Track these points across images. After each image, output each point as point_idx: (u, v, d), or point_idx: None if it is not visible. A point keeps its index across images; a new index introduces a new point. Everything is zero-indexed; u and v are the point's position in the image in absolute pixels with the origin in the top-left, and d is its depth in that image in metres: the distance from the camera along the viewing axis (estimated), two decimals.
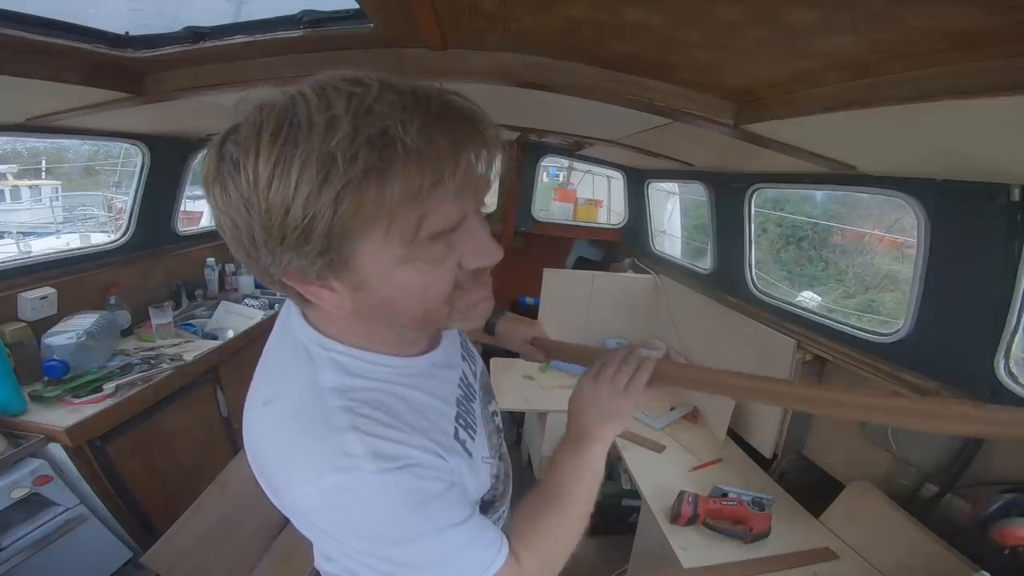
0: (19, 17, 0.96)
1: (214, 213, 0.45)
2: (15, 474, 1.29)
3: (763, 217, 5.14)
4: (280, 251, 0.43)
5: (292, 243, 0.42)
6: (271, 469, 0.53)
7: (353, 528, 0.49)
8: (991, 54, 0.64)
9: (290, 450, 0.50)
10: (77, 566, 1.43)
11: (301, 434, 0.50)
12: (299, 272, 0.45)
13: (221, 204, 0.43)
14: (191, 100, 1.39)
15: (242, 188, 0.41)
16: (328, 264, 0.44)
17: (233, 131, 0.44)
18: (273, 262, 0.44)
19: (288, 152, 0.39)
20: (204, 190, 0.45)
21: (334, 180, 0.39)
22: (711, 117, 1.18)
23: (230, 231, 0.44)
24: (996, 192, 1.09)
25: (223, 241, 0.48)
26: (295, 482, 0.49)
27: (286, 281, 0.47)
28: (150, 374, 1.71)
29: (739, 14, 0.72)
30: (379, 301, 0.48)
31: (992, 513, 1.10)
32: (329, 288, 0.47)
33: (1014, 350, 1.14)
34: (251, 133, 0.42)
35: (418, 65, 1.14)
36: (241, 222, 0.43)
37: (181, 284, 2.47)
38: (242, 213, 0.42)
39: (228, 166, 0.42)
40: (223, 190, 0.43)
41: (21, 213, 9.04)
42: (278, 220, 0.40)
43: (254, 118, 0.42)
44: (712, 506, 1.46)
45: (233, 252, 0.47)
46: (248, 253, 0.45)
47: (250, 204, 0.41)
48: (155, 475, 1.66)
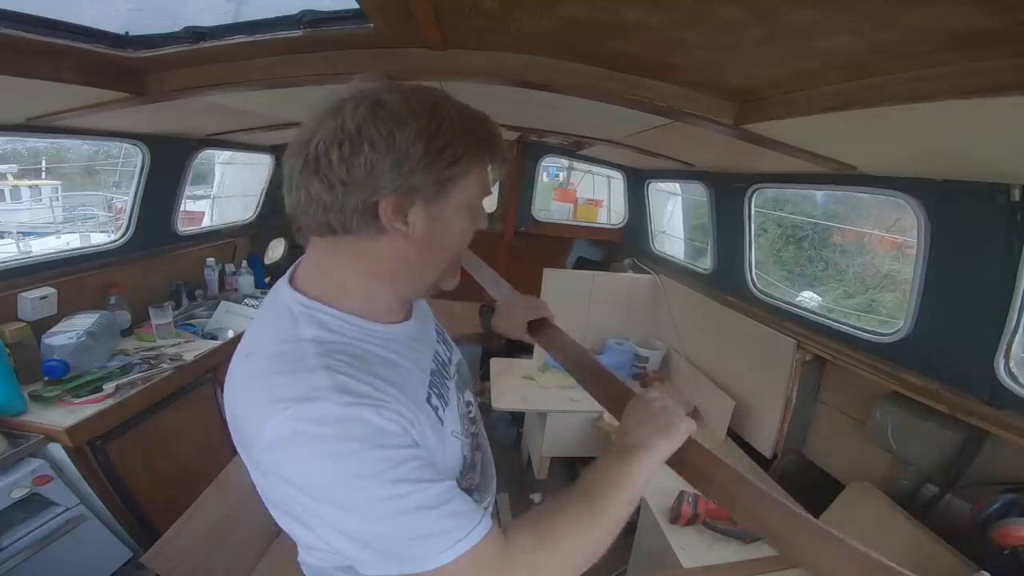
0: (19, 17, 0.96)
1: (350, 132, 0.54)
2: (15, 474, 1.29)
3: (763, 217, 5.13)
4: (418, 166, 0.55)
5: (433, 160, 0.55)
6: (241, 416, 0.55)
7: (314, 467, 0.50)
8: (991, 54, 0.64)
9: (261, 392, 0.53)
10: (77, 566, 1.42)
11: (274, 375, 0.53)
12: (407, 191, 0.56)
13: (375, 125, 0.54)
14: (191, 100, 1.39)
15: (415, 119, 0.55)
16: (440, 187, 0.57)
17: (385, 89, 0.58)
18: (392, 181, 0.55)
19: (448, 112, 0.57)
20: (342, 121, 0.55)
21: (475, 134, 0.59)
22: (711, 117, 1.18)
23: (366, 149, 0.54)
24: (996, 192, 1.09)
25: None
26: (263, 418, 0.51)
27: (385, 205, 0.56)
28: (150, 374, 1.71)
29: (739, 14, 0.72)
30: (434, 235, 0.60)
31: (992, 513, 1.10)
32: (406, 223, 0.57)
33: (1014, 350, 1.14)
34: (414, 95, 0.57)
35: (418, 65, 1.14)
36: (397, 139, 0.54)
37: (181, 284, 2.46)
38: (405, 133, 0.54)
39: (397, 103, 0.55)
40: (387, 117, 0.54)
41: (21, 213, 9.03)
42: (439, 144, 0.55)
43: (408, 90, 0.58)
44: (712, 506, 1.46)
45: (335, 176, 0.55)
46: (368, 170, 0.54)
47: (420, 128, 0.55)
48: (155, 475, 1.65)
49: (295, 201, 0.58)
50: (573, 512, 0.58)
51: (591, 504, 0.59)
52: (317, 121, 0.56)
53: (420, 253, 0.61)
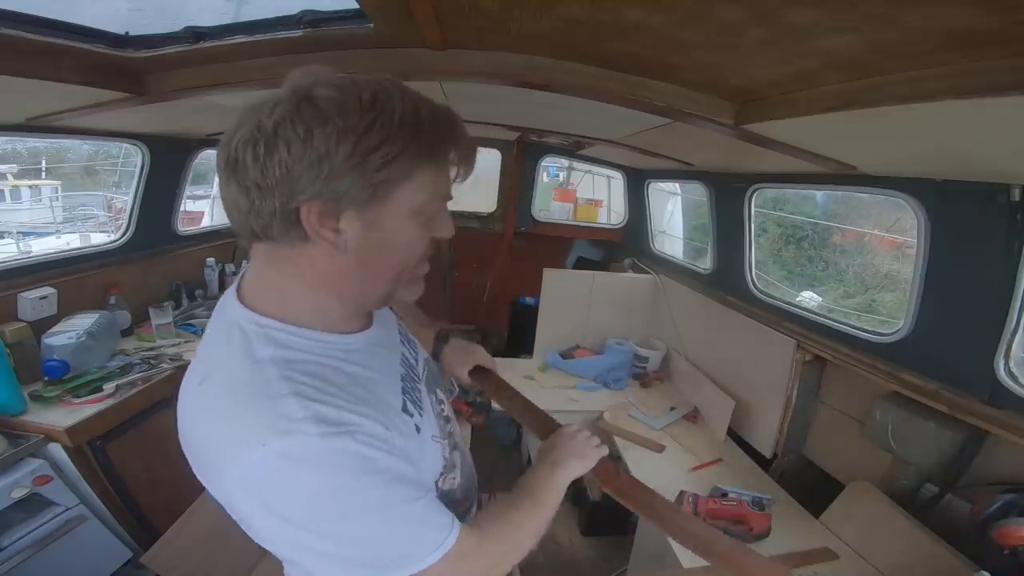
0: (19, 17, 0.96)
1: (266, 131, 0.49)
2: (15, 474, 1.29)
3: (763, 217, 5.14)
4: (343, 171, 0.50)
5: (360, 159, 0.50)
6: (208, 448, 0.53)
7: (298, 498, 0.49)
8: (991, 54, 0.64)
9: (229, 423, 0.50)
10: (77, 566, 1.43)
11: (239, 405, 0.50)
12: (331, 202, 0.51)
13: (292, 124, 0.49)
14: (191, 100, 1.39)
15: (342, 116, 0.49)
16: (373, 191, 0.51)
17: (322, 83, 0.51)
18: (312, 184, 0.50)
19: (388, 107, 0.51)
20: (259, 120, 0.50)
21: (420, 132, 0.52)
22: (711, 117, 1.18)
23: (281, 150, 0.49)
24: (996, 192, 1.09)
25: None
26: (237, 454, 0.49)
27: (305, 213, 0.51)
28: (150, 374, 1.71)
29: (739, 14, 0.72)
30: (376, 245, 0.55)
31: (992, 513, 1.10)
32: (336, 230, 0.52)
33: (1014, 350, 1.14)
34: (352, 89, 0.51)
35: (418, 65, 1.14)
36: (316, 139, 0.49)
37: (181, 284, 2.47)
38: (326, 132, 0.49)
39: (327, 99, 0.50)
40: (307, 111, 0.49)
41: (21, 213, 9.03)
42: (368, 143, 0.49)
43: (347, 84, 0.52)
44: (712, 506, 1.46)
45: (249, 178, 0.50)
46: (283, 173, 0.49)
47: (346, 127, 0.49)
48: (155, 475, 1.65)
49: (225, 204, 0.55)
50: (525, 507, 0.71)
51: (535, 501, 0.72)
52: (241, 118, 0.52)
53: (360, 264, 0.56)
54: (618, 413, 2.14)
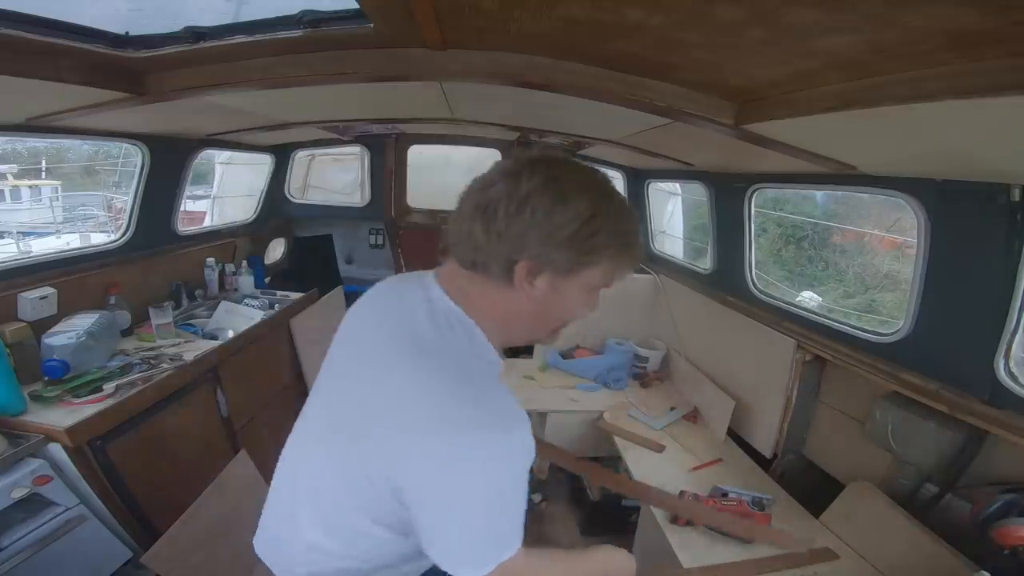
0: (19, 17, 0.96)
1: (520, 195, 0.63)
2: (15, 474, 1.28)
3: (763, 217, 5.13)
4: (565, 248, 0.64)
5: (576, 243, 0.64)
6: (430, 412, 0.62)
7: (507, 477, 0.61)
8: (991, 54, 0.64)
9: (476, 406, 0.63)
10: (77, 566, 1.42)
11: (484, 393, 0.65)
12: (540, 264, 0.65)
13: (542, 196, 0.63)
14: (191, 100, 1.39)
15: (579, 203, 0.64)
16: (570, 265, 0.66)
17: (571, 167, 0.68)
18: (534, 252, 0.64)
19: (614, 212, 0.67)
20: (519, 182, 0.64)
21: (625, 248, 0.69)
22: (711, 117, 1.18)
23: (527, 214, 0.63)
24: (996, 192, 1.09)
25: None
26: (453, 430, 0.61)
27: (519, 268, 0.65)
28: (150, 374, 1.71)
29: (739, 14, 0.72)
30: (552, 303, 0.69)
31: (992, 513, 1.10)
32: (531, 284, 0.66)
33: (1014, 350, 1.14)
34: (592, 183, 0.67)
35: (418, 65, 1.14)
36: (555, 215, 0.63)
37: (181, 284, 2.46)
38: (565, 212, 0.63)
39: (572, 183, 0.65)
40: (555, 193, 0.63)
41: (21, 213, 9.04)
42: (589, 232, 0.64)
43: (589, 175, 0.68)
44: (712, 506, 1.46)
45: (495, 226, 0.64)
46: (521, 232, 0.63)
47: (578, 215, 0.63)
48: (155, 475, 1.65)
49: (456, 231, 0.68)
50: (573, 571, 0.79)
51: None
52: (502, 174, 0.66)
53: (535, 314, 0.71)
54: (618, 413, 2.14)
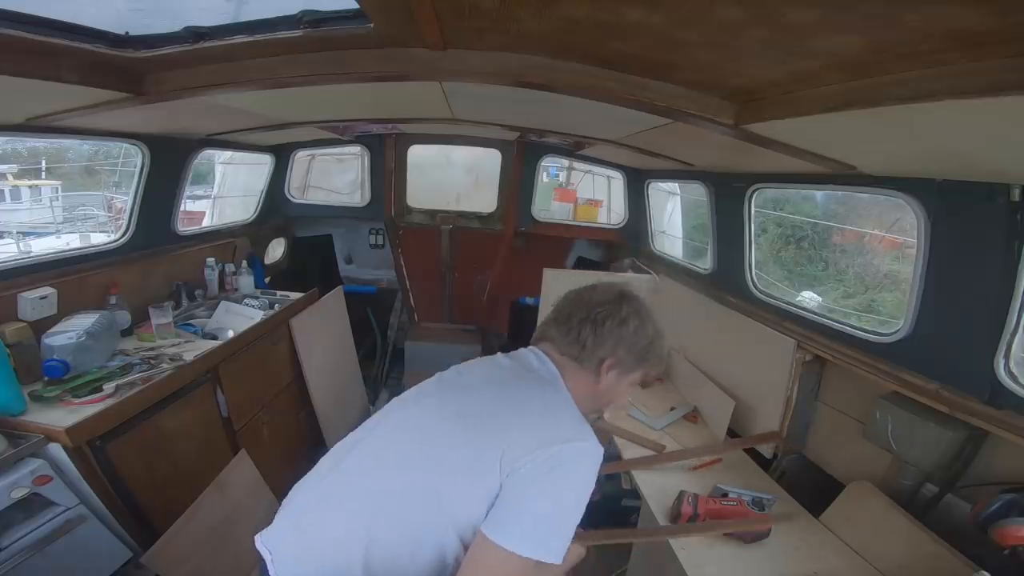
0: (19, 17, 0.96)
1: (620, 315, 0.95)
2: (15, 474, 1.28)
3: (763, 217, 5.14)
4: (637, 356, 0.96)
5: (644, 353, 0.97)
6: (551, 421, 0.86)
7: (586, 478, 0.82)
8: (991, 54, 0.64)
9: (572, 420, 0.87)
10: (77, 566, 1.42)
11: (577, 415, 0.89)
12: (619, 363, 0.95)
13: (635, 319, 0.96)
14: (191, 100, 1.39)
15: (651, 325, 0.99)
16: (635, 366, 0.98)
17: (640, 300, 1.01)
18: (620, 355, 0.95)
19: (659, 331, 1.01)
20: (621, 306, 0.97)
21: (660, 347, 1.01)
22: (711, 117, 1.18)
23: (624, 330, 0.95)
24: (996, 192, 1.09)
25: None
26: (580, 438, 0.83)
27: (606, 364, 0.94)
28: (150, 374, 1.71)
29: (739, 14, 0.72)
30: (611, 390, 0.98)
31: (992, 513, 1.10)
32: (606, 375, 0.95)
33: (1014, 350, 1.14)
34: (648, 310, 1.01)
35: (418, 65, 1.14)
36: (639, 334, 0.96)
37: (181, 284, 2.46)
38: (646, 332, 0.97)
39: (647, 312, 1.00)
40: (641, 319, 0.97)
41: (21, 213, 9.04)
42: (653, 344, 0.99)
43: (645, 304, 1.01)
44: (712, 506, 1.46)
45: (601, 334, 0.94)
46: (616, 340, 0.94)
47: (650, 333, 0.98)
48: (155, 475, 1.65)
49: (564, 331, 0.96)
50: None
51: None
52: (605, 296, 0.98)
53: (598, 395, 0.97)
54: (618, 413, 2.14)
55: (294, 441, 2.53)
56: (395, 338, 3.90)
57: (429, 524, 0.81)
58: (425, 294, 3.84)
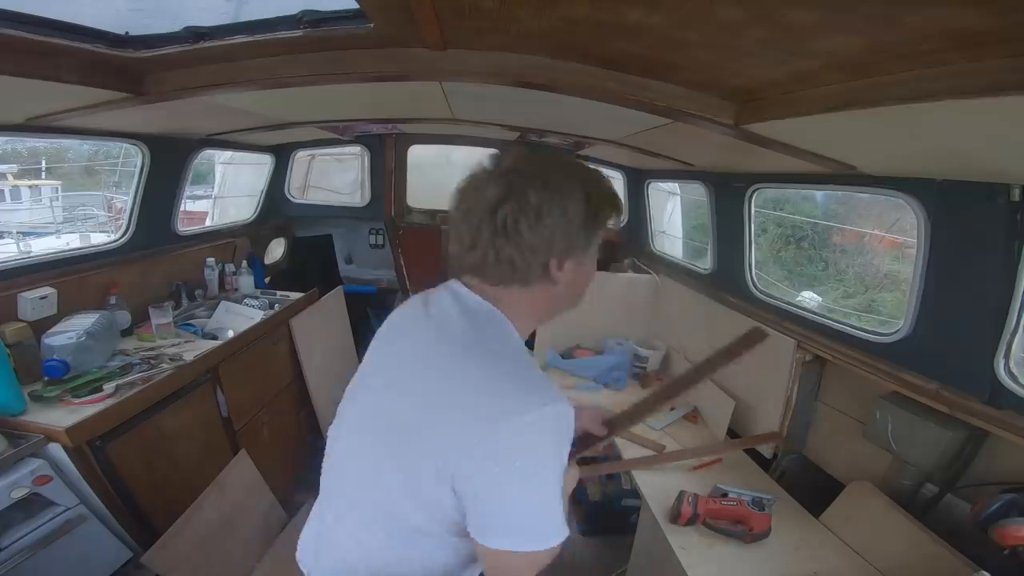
0: (19, 17, 0.96)
1: (534, 207, 0.69)
2: (15, 474, 1.28)
3: (763, 217, 5.13)
4: (583, 230, 0.73)
5: (589, 223, 0.73)
6: (481, 398, 0.69)
7: (548, 450, 0.68)
8: (991, 54, 0.64)
9: (514, 383, 0.69)
10: (77, 566, 1.42)
11: (522, 372, 0.71)
12: (567, 252, 0.73)
13: (551, 201, 0.70)
14: (191, 100, 1.39)
15: (580, 191, 0.72)
16: (588, 241, 0.75)
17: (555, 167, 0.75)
18: (561, 247, 0.72)
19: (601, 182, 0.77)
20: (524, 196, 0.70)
21: (607, 198, 0.76)
22: (711, 117, 1.18)
23: (549, 220, 0.70)
24: (996, 192, 1.09)
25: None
26: (523, 407, 0.66)
27: (552, 265, 0.73)
28: (150, 374, 1.71)
29: (739, 14, 0.72)
30: (578, 277, 0.78)
31: (992, 513, 1.10)
32: (562, 270, 0.74)
33: (1014, 350, 1.14)
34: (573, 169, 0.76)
35: (418, 65, 1.14)
36: (569, 212, 0.71)
37: (181, 284, 2.46)
38: (575, 205, 0.72)
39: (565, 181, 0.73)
40: (555, 192, 0.71)
41: (21, 213, 9.04)
42: (592, 210, 0.73)
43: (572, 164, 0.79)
44: (712, 506, 1.46)
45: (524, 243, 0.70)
46: (548, 237, 0.71)
47: (583, 199, 0.72)
48: (155, 475, 1.65)
49: (480, 257, 0.73)
50: None
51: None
52: (492, 182, 0.72)
53: (567, 293, 0.79)
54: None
55: (294, 441, 2.53)
56: None
57: (401, 540, 0.76)
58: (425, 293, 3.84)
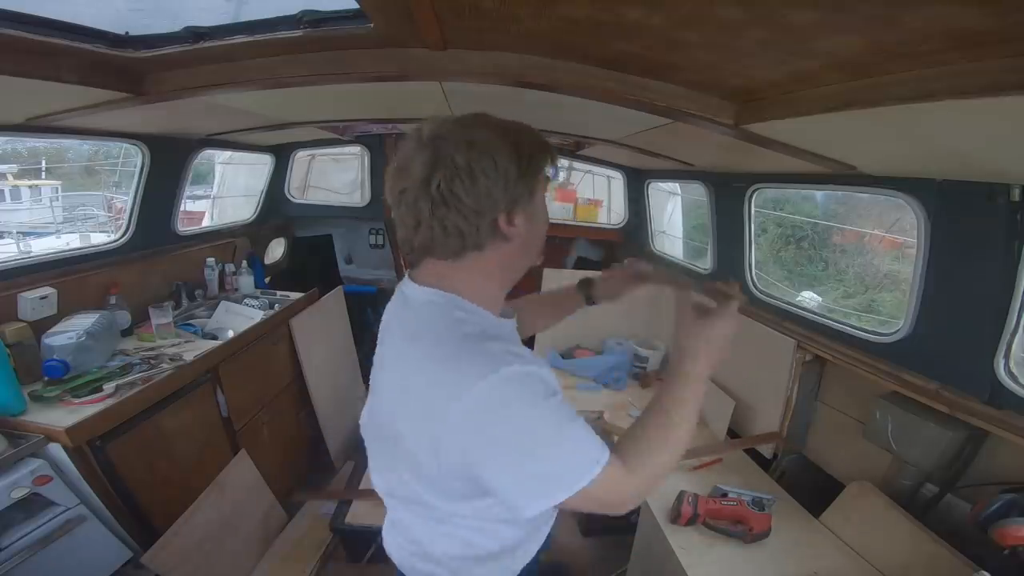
0: (19, 17, 0.96)
1: (465, 168, 0.66)
2: (15, 474, 1.28)
3: (763, 217, 5.14)
4: (520, 180, 0.70)
5: (523, 171, 0.70)
6: (429, 390, 0.67)
7: (510, 415, 0.64)
8: (991, 54, 0.64)
9: (449, 365, 0.66)
10: (77, 566, 1.42)
11: (457, 351, 0.67)
12: (513, 201, 0.70)
13: (480, 159, 0.67)
14: (191, 100, 1.39)
15: (506, 145, 0.69)
16: (530, 189, 0.72)
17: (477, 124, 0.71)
18: (502, 200, 0.69)
19: (524, 130, 0.74)
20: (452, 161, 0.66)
21: (535, 144, 0.73)
22: (711, 117, 1.18)
23: (483, 178, 0.67)
24: (996, 192, 1.09)
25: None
26: (464, 386, 0.63)
27: (500, 221, 0.70)
28: (150, 374, 1.71)
29: (739, 14, 0.72)
30: (531, 228, 0.75)
31: (992, 513, 1.10)
32: (514, 224, 0.71)
33: (1014, 350, 1.14)
34: (495, 124, 0.72)
35: (418, 65, 1.14)
36: (500, 166, 0.68)
37: (181, 284, 2.46)
38: (505, 158, 0.68)
39: (489, 136, 0.69)
40: (481, 149, 0.67)
41: (21, 213, 9.04)
42: (526, 158, 0.70)
43: (492, 121, 0.72)
44: (712, 506, 1.46)
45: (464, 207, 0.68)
46: (487, 195, 0.68)
47: (512, 151, 0.69)
48: (155, 475, 1.65)
49: (428, 236, 0.70)
50: (677, 431, 0.74)
51: (686, 421, 0.75)
52: (421, 164, 0.68)
53: (524, 247, 0.76)
54: (618, 413, 2.14)
55: (294, 441, 2.53)
56: None
57: (436, 521, 0.78)
58: None
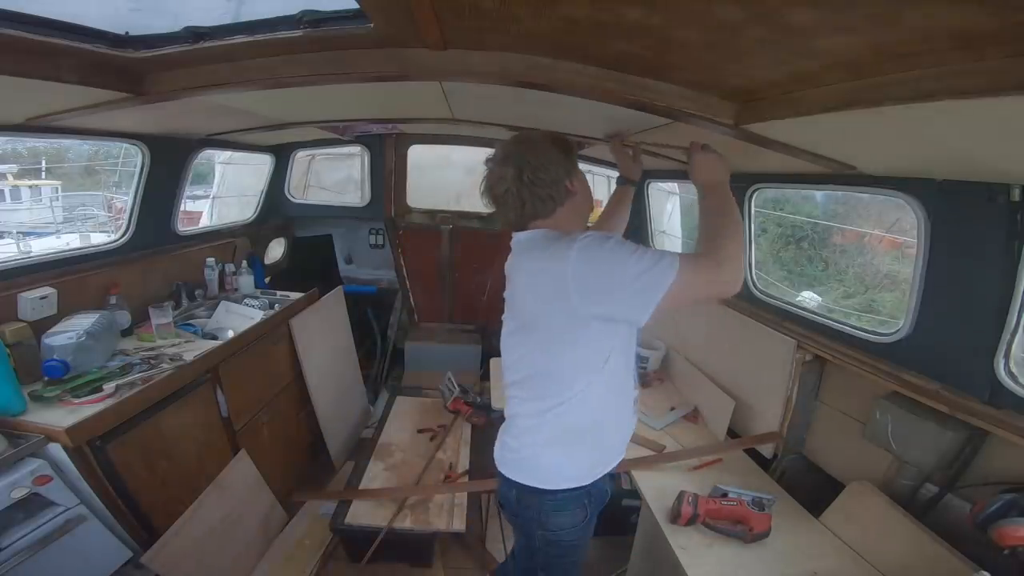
0: (19, 17, 0.96)
1: (531, 163, 1.14)
2: (15, 474, 1.28)
3: (763, 217, 5.14)
4: (563, 163, 1.17)
5: (565, 157, 1.18)
6: (550, 263, 1.07)
7: (604, 251, 1.02)
8: (991, 54, 0.64)
9: (562, 243, 1.06)
10: (77, 566, 1.42)
11: (562, 236, 1.10)
12: (568, 172, 1.18)
13: (537, 155, 1.16)
14: (191, 100, 1.39)
15: (550, 142, 1.19)
16: (571, 166, 1.20)
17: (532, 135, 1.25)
18: (559, 174, 1.16)
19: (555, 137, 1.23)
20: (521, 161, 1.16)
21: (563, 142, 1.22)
22: (711, 117, 1.18)
23: (543, 168, 1.14)
24: (996, 192, 1.10)
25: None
26: (570, 246, 1.03)
27: (566, 183, 1.17)
28: (150, 374, 1.71)
29: (739, 14, 0.72)
30: (582, 190, 1.22)
31: (992, 513, 1.10)
32: (574, 185, 1.19)
33: (1014, 350, 1.14)
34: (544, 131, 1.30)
35: (418, 65, 1.14)
36: (553, 155, 1.16)
37: (181, 284, 2.46)
38: (556, 150, 1.17)
39: (540, 138, 1.21)
40: (530, 148, 1.17)
41: (21, 213, 9.05)
42: (561, 151, 1.19)
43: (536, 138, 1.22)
44: (712, 506, 1.46)
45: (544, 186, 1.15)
46: (553, 176, 1.15)
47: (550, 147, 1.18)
48: (155, 475, 1.65)
49: (532, 208, 1.16)
50: (722, 221, 1.09)
51: (726, 219, 1.10)
52: (504, 166, 1.15)
53: (584, 198, 1.22)
54: None
55: (294, 441, 2.53)
56: (395, 338, 3.90)
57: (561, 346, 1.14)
58: (425, 294, 3.84)
